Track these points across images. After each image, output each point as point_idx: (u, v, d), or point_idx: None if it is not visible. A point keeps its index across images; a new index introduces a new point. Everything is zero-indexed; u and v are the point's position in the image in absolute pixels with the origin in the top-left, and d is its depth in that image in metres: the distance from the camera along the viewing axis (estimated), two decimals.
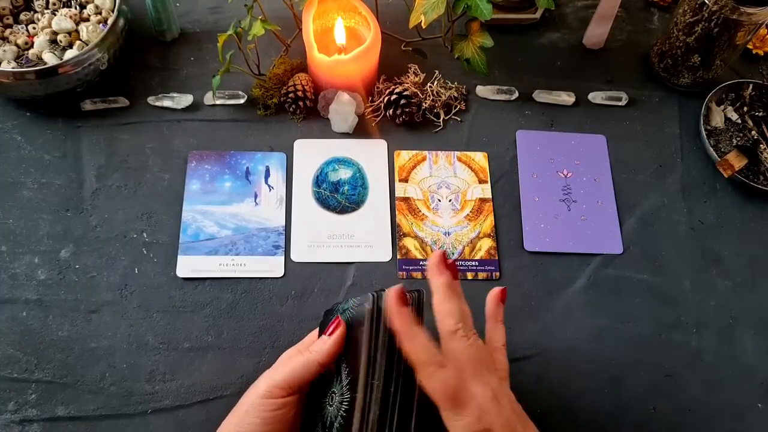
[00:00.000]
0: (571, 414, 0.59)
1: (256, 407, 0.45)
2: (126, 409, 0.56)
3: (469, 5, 0.64)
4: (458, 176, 0.70)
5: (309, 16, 0.68)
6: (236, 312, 0.61)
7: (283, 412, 0.45)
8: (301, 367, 0.45)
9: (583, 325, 0.63)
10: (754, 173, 0.70)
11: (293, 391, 0.45)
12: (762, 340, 0.63)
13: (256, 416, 0.45)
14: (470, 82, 0.75)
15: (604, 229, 0.67)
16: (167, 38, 0.75)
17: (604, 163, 0.71)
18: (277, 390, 0.45)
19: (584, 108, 0.75)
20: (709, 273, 0.66)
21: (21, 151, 0.67)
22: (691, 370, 0.61)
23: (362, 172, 0.69)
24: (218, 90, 0.69)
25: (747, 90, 0.74)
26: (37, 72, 0.64)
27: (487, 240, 0.66)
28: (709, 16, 0.66)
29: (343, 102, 0.69)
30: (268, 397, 0.45)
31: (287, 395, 0.45)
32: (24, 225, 0.64)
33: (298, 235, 0.65)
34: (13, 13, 0.71)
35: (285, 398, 0.45)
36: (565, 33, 0.81)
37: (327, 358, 0.45)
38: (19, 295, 0.60)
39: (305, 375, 0.45)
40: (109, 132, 0.69)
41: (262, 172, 0.68)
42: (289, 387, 0.45)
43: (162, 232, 0.64)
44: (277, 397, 0.45)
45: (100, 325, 0.60)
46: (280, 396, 0.45)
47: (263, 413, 0.45)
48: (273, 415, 0.45)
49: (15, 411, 0.56)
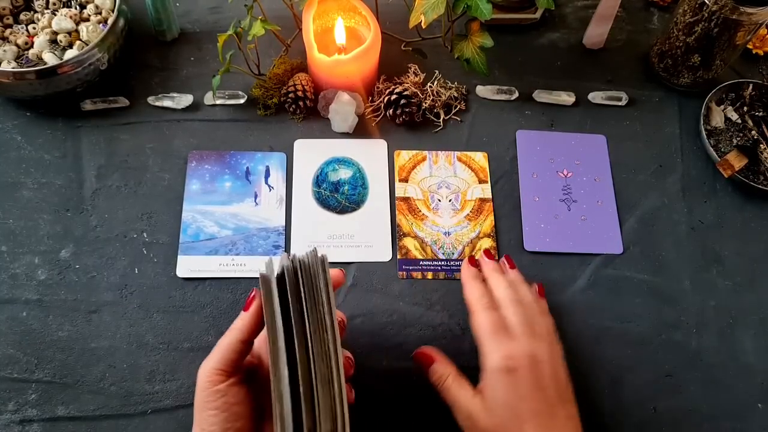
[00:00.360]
0: None
1: (206, 401, 0.45)
2: (126, 409, 0.56)
3: (469, 5, 0.64)
4: (458, 176, 0.70)
5: (309, 16, 0.68)
6: (236, 312, 0.60)
7: (231, 395, 0.45)
8: (227, 346, 0.46)
9: (583, 325, 0.63)
10: (754, 173, 0.70)
11: (227, 374, 0.45)
12: (762, 340, 0.63)
13: (210, 408, 0.44)
14: (470, 82, 0.75)
15: (604, 229, 0.67)
16: (167, 38, 0.75)
17: (604, 163, 0.71)
18: (214, 376, 0.45)
19: (584, 108, 0.75)
20: (710, 273, 0.66)
21: (21, 151, 0.67)
22: (691, 370, 0.61)
23: (362, 172, 0.69)
24: (218, 90, 0.69)
25: (747, 90, 0.74)
26: (37, 72, 0.64)
27: (487, 240, 0.66)
28: (709, 16, 0.66)
29: (343, 102, 0.69)
30: (208, 386, 0.45)
31: (225, 379, 0.45)
32: (24, 225, 0.64)
33: (298, 235, 0.65)
34: (13, 13, 0.71)
35: (224, 383, 0.45)
36: (565, 33, 0.81)
37: (247, 334, 0.46)
38: (19, 295, 0.60)
39: (232, 355, 0.46)
40: (109, 132, 0.69)
41: (262, 172, 0.68)
42: (222, 370, 0.45)
43: (162, 232, 0.64)
44: (218, 383, 0.45)
45: (100, 325, 0.60)
46: (219, 381, 0.45)
47: (212, 404, 0.44)
48: (224, 401, 0.44)
49: (15, 411, 0.56)
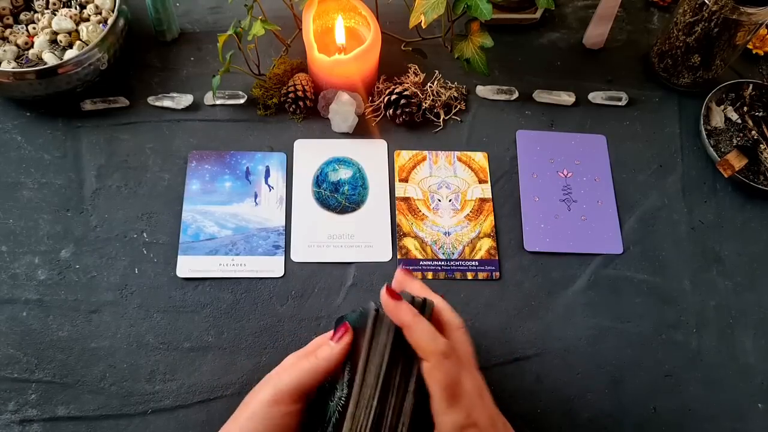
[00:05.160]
0: (571, 414, 0.59)
1: (261, 415, 0.43)
2: (126, 409, 0.56)
3: (469, 5, 0.64)
4: (458, 176, 0.70)
5: (309, 16, 0.68)
6: (236, 312, 0.61)
7: (287, 420, 0.43)
8: (307, 373, 0.44)
9: (583, 325, 0.63)
10: (754, 173, 0.70)
11: (300, 398, 0.44)
12: (762, 340, 0.63)
13: (259, 423, 0.43)
14: (470, 82, 0.75)
15: (605, 229, 0.67)
16: (167, 38, 0.75)
17: (604, 163, 0.71)
18: (285, 397, 0.43)
19: (584, 108, 0.75)
20: (710, 273, 0.66)
21: (21, 151, 0.67)
22: (691, 370, 0.61)
23: (362, 172, 0.69)
24: (218, 90, 0.69)
25: (747, 90, 0.74)
26: (37, 72, 0.64)
27: (487, 240, 0.66)
28: (709, 16, 0.66)
29: (343, 102, 0.69)
30: (275, 404, 0.43)
31: (294, 403, 0.44)
32: (24, 225, 0.64)
33: (298, 235, 0.65)
34: (13, 13, 0.71)
35: (291, 407, 0.44)
36: (565, 33, 0.81)
37: (333, 365, 0.44)
38: (20, 296, 0.60)
39: (311, 382, 0.44)
40: (109, 132, 0.69)
41: (262, 172, 0.68)
42: (297, 394, 0.44)
43: (162, 232, 0.64)
44: (284, 404, 0.43)
45: (100, 325, 0.60)
46: (286, 404, 0.43)
47: (267, 421, 0.43)
48: (278, 423, 0.43)
49: (15, 411, 0.56)
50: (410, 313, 0.42)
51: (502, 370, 0.60)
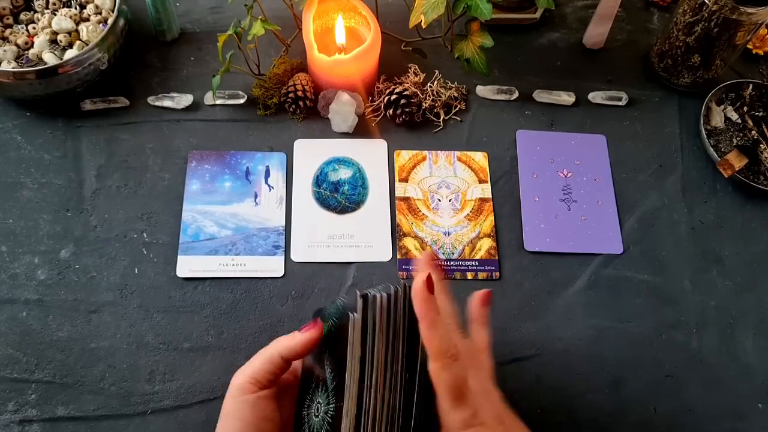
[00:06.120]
0: (571, 414, 0.59)
1: (234, 409, 0.45)
2: (126, 410, 0.56)
3: (469, 5, 0.64)
4: (458, 176, 0.70)
5: (309, 16, 0.68)
6: (236, 312, 0.61)
7: (260, 409, 0.45)
8: (266, 359, 0.46)
9: (583, 325, 0.63)
10: (754, 173, 0.70)
11: (262, 385, 0.45)
12: (762, 340, 0.63)
13: (236, 418, 0.44)
14: (470, 82, 0.75)
15: (605, 229, 0.67)
16: (167, 38, 0.75)
17: (604, 163, 0.71)
18: (248, 384, 0.45)
19: (584, 108, 0.75)
20: (710, 273, 0.66)
21: (21, 151, 0.67)
22: (691, 370, 0.61)
23: (362, 172, 0.69)
24: (218, 90, 0.69)
25: (747, 90, 0.74)
26: (37, 72, 0.64)
27: (487, 240, 0.66)
28: (709, 16, 0.66)
29: (343, 102, 0.69)
30: (241, 393, 0.45)
31: (258, 389, 0.45)
32: (24, 225, 0.64)
33: (298, 235, 0.65)
34: (13, 13, 0.71)
35: (257, 393, 0.45)
36: (565, 33, 0.81)
37: (291, 354, 0.46)
38: (19, 296, 0.60)
39: (270, 367, 0.45)
40: (109, 132, 0.69)
41: (262, 172, 0.68)
42: (257, 381, 0.45)
43: (162, 232, 0.64)
44: (249, 392, 0.45)
45: (100, 325, 0.60)
46: (251, 391, 0.45)
47: (241, 413, 0.44)
48: (251, 413, 0.44)
49: (15, 411, 0.56)
50: (432, 309, 0.42)
51: (502, 370, 0.60)
